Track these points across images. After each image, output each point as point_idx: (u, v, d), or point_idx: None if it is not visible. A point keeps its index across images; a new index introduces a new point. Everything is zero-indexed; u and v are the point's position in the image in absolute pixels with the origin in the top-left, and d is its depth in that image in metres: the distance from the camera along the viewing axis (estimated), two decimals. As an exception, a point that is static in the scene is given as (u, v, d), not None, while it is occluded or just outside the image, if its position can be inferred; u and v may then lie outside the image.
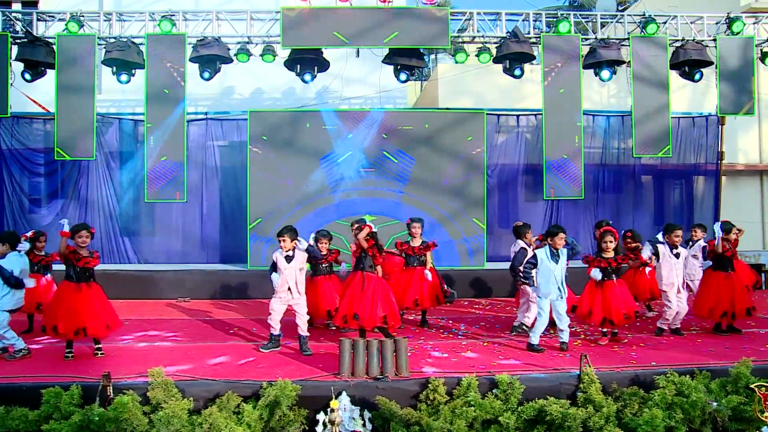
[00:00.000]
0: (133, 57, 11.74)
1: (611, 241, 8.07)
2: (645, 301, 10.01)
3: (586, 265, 8.22)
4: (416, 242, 9.15)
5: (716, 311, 8.58)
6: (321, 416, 5.94)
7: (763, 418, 5.69)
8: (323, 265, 9.00)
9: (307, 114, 13.39)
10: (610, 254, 8.06)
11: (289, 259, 7.66)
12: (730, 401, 6.16)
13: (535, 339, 7.80)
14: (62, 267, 7.67)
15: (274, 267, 7.77)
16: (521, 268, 8.11)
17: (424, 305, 9.19)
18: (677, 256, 8.59)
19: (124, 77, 12.01)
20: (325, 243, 8.97)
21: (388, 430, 6.00)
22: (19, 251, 7.77)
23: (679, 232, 8.68)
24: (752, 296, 8.99)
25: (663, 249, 8.64)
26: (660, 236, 8.71)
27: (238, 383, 6.24)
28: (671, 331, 8.69)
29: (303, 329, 7.73)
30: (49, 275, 8.95)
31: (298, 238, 7.73)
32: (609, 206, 14.72)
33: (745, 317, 8.67)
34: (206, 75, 12.10)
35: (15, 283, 7.38)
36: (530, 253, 8.32)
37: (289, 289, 7.67)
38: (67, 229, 7.40)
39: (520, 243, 8.80)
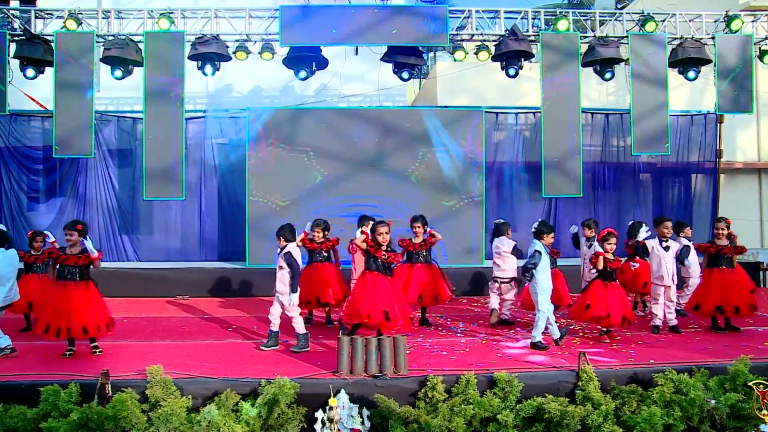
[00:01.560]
0: (132, 55, 11.70)
1: (614, 242, 8.14)
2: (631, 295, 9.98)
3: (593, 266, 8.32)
4: (418, 239, 9.19)
5: (706, 306, 8.61)
6: (320, 414, 5.94)
7: (761, 416, 5.70)
8: (318, 253, 9.03)
9: (306, 111, 13.38)
10: (610, 256, 8.09)
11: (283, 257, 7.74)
12: (729, 399, 6.17)
13: (538, 336, 7.81)
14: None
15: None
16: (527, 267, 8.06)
17: (425, 303, 9.20)
18: (666, 249, 8.73)
19: (118, 73, 11.96)
20: (319, 231, 9.06)
21: (386, 428, 6.01)
22: None
23: (669, 224, 8.83)
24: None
25: (652, 242, 8.72)
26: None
27: (236, 381, 6.24)
28: (670, 329, 8.72)
29: (298, 328, 7.74)
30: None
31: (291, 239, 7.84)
32: (608, 204, 14.74)
33: (749, 314, 8.68)
34: (208, 70, 12.06)
35: None
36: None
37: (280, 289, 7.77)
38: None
39: (506, 240, 9.17)
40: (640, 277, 9.32)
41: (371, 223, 8.54)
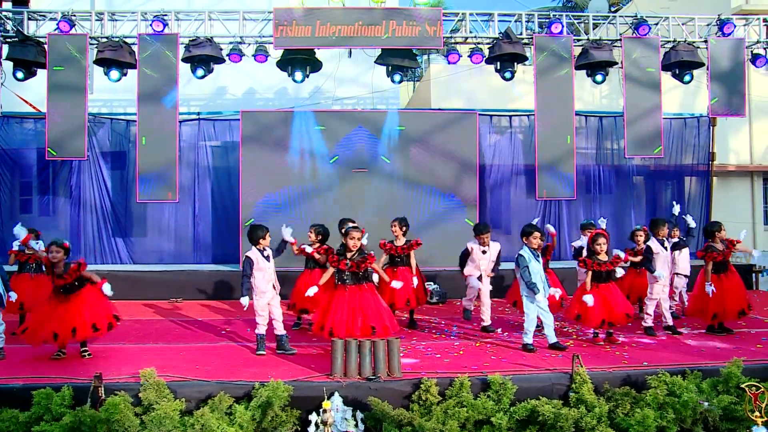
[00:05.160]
0: (125, 57, 11.69)
1: (604, 243, 8.05)
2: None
3: (583, 269, 8.23)
4: (400, 242, 9.17)
5: (708, 313, 8.60)
6: (313, 417, 5.93)
7: (754, 418, 5.71)
8: (312, 259, 8.94)
9: (300, 114, 13.38)
10: (604, 257, 8.05)
11: (268, 258, 7.70)
12: (721, 401, 6.19)
13: (528, 339, 7.83)
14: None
15: (251, 267, 7.58)
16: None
17: (410, 305, 9.20)
18: (666, 249, 8.88)
19: (114, 74, 11.93)
20: (311, 233, 8.90)
21: (380, 431, 6.00)
22: None
23: (665, 225, 8.93)
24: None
25: (655, 245, 8.72)
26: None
27: (230, 384, 6.23)
28: (665, 329, 8.74)
29: (280, 329, 7.73)
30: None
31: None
32: (602, 207, 14.75)
33: (737, 318, 8.73)
34: (200, 73, 12.04)
35: None
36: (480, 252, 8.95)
37: (273, 286, 7.71)
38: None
39: (469, 243, 9.16)
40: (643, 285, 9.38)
41: (349, 224, 8.54)
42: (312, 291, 7.41)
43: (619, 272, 8.10)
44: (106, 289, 7.31)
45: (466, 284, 9.26)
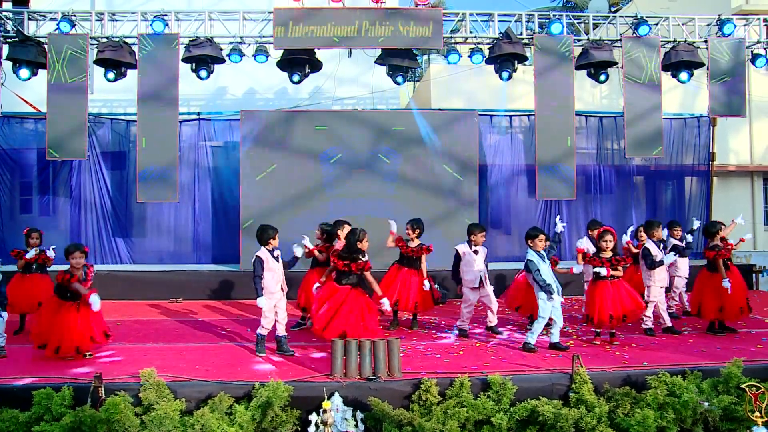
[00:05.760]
0: (126, 57, 11.69)
1: (610, 240, 8.06)
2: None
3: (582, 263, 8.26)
4: (413, 243, 9.16)
5: (710, 310, 8.60)
6: (313, 417, 5.93)
7: (754, 418, 5.71)
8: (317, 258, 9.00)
9: (300, 114, 13.37)
10: (608, 254, 8.06)
11: (277, 258, 7.69)
12: (722, 401, 6.19)
13: (532, 339, 7.83)
14: (56, 267, 7.65)
15: (261, 268, 7.53)
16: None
17: (417, 308, 9.19)
18: (664, 251, 8.91)
19: (111, 75, 11.93)
20: (317, 230, 9.04)
21: (380, 431, 6.00)
22: None
23: (659, 228, 8.98)
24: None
25: (652, 247, 8.74)
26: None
27: (230, 384, 6.23)
28: (664, 330, 8.74)
29: (281, 330, 7.73)
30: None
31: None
32: (602, 207, 14.76)
33: (739, 316, 8.73)
34: (203, 74, 12.04)
35: None
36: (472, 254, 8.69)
37: (281, 287, 7.71)
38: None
39: (457, 246, 8.96)
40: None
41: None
42: (387, 304, 7.62)
43: (602, 271, 7.99)
44: (94, 301, 7.15)
45: (461, 302, 8.94)
